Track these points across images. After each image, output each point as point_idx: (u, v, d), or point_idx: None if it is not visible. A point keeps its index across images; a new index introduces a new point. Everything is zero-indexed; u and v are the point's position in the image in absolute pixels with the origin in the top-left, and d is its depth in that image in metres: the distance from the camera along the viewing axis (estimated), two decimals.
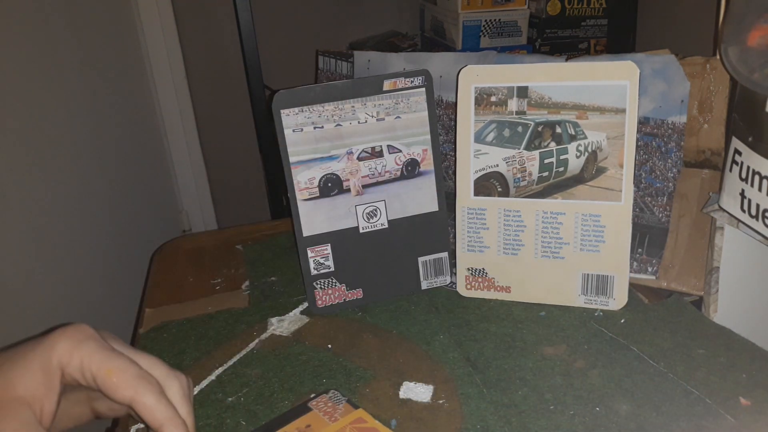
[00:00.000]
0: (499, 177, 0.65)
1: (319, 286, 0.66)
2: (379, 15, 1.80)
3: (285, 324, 0.66)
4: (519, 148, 0.64)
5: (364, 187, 0.64)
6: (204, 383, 0.57)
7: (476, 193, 0.66)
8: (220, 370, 0.59)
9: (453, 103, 0.75)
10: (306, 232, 0.64)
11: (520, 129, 0.64)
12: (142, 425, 0.53)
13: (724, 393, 0.52)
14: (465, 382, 0.55)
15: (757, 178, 0.55)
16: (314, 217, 0.64)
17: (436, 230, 0.68)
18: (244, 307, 0.69)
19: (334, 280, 0.66)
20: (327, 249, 0.64)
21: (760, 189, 0.55)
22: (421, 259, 0.67)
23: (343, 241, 0.65)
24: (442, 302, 0.68)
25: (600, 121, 0.62)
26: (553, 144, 0.64)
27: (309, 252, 0.64)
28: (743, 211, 0.57)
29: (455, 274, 0.69)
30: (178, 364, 0.60)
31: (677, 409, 0.51)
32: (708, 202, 0.65)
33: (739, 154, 0.57)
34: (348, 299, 0.67)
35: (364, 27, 1.78)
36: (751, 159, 0.55)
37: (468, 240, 0.67)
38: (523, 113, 0.64)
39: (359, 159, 0.64)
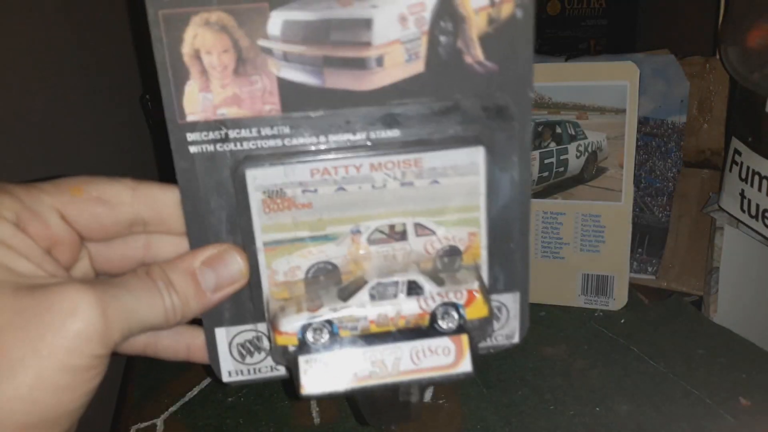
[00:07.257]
0: None
1: None
2: None
3: None
4: None
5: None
6: (204, 383, 0.57)
7: None
8: None
9: None
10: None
11: None
12: (142, 425, 0.53)
13: (724, 393, 0.52)
14: (465, 382, 0.55)
15: (757, 178, 0.55)
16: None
17: None
18: None
19: None
20: None
21: (760, 189, 0.55)
22: None
23: None
24: None
25: (600, 121, 0.62)
26: (553, 144, 0.64)
27: None
28: (743, 211, 0.57)
29: None
30: (178, 364, 0.60)
31: (677, 409, 0.51)
32: (708, 202, 0.65)
33: (739, 154, 0.57)
34: None
35: None
36: (751, 159, 0.55)
37: None
38: None
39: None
